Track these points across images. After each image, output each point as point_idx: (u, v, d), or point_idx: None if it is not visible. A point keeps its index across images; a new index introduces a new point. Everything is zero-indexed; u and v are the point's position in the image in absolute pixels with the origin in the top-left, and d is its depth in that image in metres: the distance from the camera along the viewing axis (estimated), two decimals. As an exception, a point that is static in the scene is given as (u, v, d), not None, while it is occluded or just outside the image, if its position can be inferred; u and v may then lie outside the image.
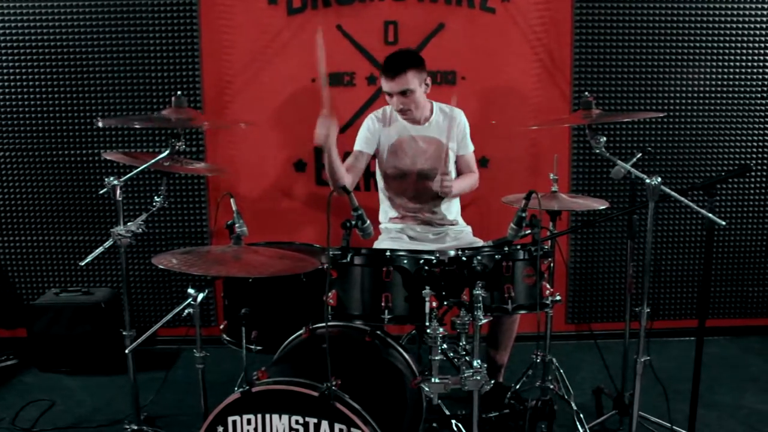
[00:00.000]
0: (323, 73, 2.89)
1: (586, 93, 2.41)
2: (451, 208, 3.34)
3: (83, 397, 3.32)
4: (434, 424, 2.53)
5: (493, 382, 3.03)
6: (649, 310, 2.34)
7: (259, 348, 2.67)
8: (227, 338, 2.78)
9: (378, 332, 2.51)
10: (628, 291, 2.92)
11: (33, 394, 3.33)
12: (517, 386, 2.95)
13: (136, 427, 2.66)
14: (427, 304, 2.11)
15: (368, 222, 2.26)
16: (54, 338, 3.60)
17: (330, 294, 2.25)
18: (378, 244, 3.23)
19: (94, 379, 3.51)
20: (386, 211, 3.36)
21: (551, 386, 2.91)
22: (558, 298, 2.59)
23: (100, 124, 2.43)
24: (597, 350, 3.08)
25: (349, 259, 2.22)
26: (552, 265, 2.83)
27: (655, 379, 2.80)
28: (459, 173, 3.34)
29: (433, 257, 2.23)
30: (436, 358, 2.05)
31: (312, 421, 1.99)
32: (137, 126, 2.48)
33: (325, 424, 1.98)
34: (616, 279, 4.03)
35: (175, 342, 3.86)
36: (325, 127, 2.77)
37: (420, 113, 3.19)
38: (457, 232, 3.30)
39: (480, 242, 3.20)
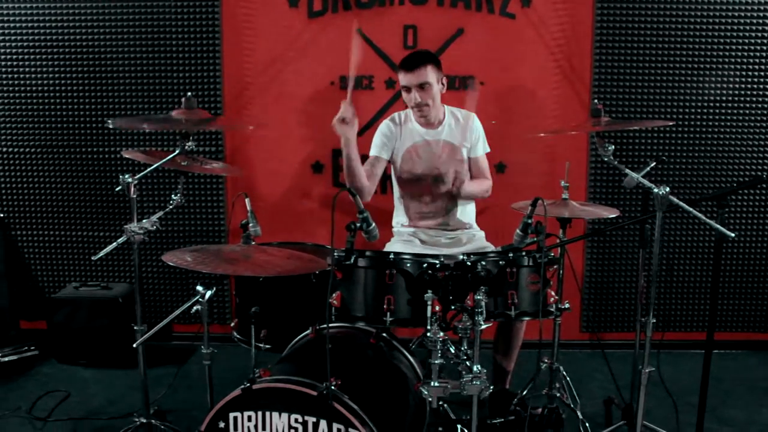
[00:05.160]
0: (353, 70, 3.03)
1: (596, 100, 2.39)
2: (466, 213, 3.33)
3: (98, 390, 3.40)
4: (439, 428, 2.53)
5: (495, 387, 3.05)
6: (655, 320, 2.31)
7: (267, 346, 2.70)
8: (238, 336, 2.82)
9: (384, 335, 2.52)
10: (639, 301, 2.89)
11: (50, 385, 3.41)
12: (524, 393, 2.93)
13: (144, 421, 2.69)
14: (429, 308, 2.11)
15: (374, 224, 2.27)
16: (72, 331, 3.68)
17: (334, 295, 2.27)
18: (389, 247, 3.25)
19: (110, 372, 3.58)
20: (399, 217, 3.38)
21: (558, 394, 2.90)
22: (567, 306, 2.58)
23: (110, 125, 2.50)
24: (611, 359, 3.06)
25: (353, 261, 2.24)
26: (561, 272, 2.83)
27: (666, 391, 2.76)
28: (471, 177, 3.34)
29: (436, 261, 2.24)
30: (436, 361, 2.05)
31: (311, 419, 2.02)
32: (145, 127, 2.52)
33: (323, 423, 2.01)
34: (630, 288, 3.97)
35: (190, 338, 3.91)
36: (348, 112, 2.89)
37: (435, 113, 3.20)
38: (470, 236, 3.29)
39: (491, 247, 3.19)
